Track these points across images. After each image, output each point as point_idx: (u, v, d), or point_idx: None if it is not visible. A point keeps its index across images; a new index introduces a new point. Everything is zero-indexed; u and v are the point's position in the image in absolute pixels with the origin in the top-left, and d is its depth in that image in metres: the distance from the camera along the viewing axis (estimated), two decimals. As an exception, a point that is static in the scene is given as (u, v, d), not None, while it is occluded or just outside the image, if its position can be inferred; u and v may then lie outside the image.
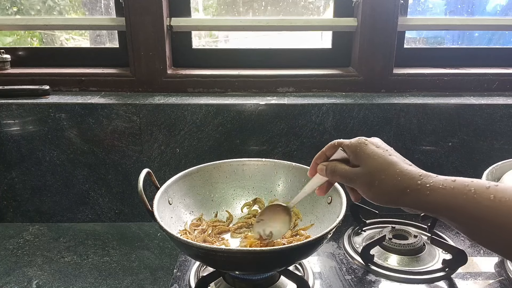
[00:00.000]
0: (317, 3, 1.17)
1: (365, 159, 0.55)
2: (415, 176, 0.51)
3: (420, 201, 0.50)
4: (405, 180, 0.51)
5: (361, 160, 0.55)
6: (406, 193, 0.51)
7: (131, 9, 0.98)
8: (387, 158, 0.54)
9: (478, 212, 0.46)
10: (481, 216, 0.45)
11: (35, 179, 0.99)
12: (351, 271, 0.79)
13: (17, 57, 1.09)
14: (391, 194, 0.52)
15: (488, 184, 0.47)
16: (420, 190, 0.50)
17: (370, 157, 0.54)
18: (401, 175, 0.52)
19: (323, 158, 0.62)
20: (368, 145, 0.56)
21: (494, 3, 1.29)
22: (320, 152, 0.62)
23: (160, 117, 0.95)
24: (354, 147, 0.56)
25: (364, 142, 0.56)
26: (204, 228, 0.79)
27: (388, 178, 0.52)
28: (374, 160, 0.54)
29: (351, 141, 0.57)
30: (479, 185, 0.47)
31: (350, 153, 0.57)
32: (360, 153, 0.55)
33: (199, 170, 0.83)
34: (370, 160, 0.54)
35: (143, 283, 0.77)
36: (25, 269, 0.81)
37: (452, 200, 0.47)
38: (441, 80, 1.05)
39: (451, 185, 0.48)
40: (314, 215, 0.79)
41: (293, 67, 1.10)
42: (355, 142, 0.57)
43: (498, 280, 0.76)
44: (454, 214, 0.48)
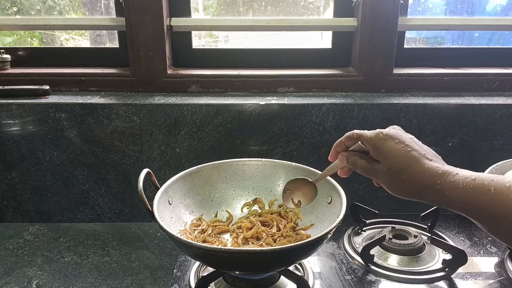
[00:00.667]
0: (317, 3, 1.17)
1: (385, 156, 0.54)
2: (435, 175, 0.51)
3: (441, 200, 0.51)
4: (425, 179, 0.51)
5: (381, 157, 0.55)
6: (426, 191, 0.51)
7: (131, 9, 0.98)
8: (406, 156, 0.53)
9: (498, 211, 0.46)
10: (501, 214, 0.46)
11: (35, 179, 0.99)
12: (351, 271, 0.79)
13: (17, 57, 1.09)
14: (412, 192, 0.53)
15: (509, 183, 0.46)
16: (440, 190, 0.50)
17: (389, 155, 0.54)
18: (421, 173, 0.51)
19: (342, 147, 0.61)
20: (388, 140, 0.55)
21: (494, 3, 1.29)
22: (339, 141, 0.61)
23: (160, 117, 0.95)
24: (373, 142, 0.56)
25: (383, 137, 0.55)
26: (204, 228, 0.79)
27: (408, 177, 0.52)
28: (393, 157, 0.53)
29: (370, 134, 0.57)
30: (499, 183, 0.47)
31: (370, 147, 0.56)
32: (380, 149, 0.55)
33: (199, 170, 0.83)
34: (390, 158, 0.54)
35: (143, 283, 0.77)
36: (25, 269, 0.81)
37: (472, 199, 0.48)
38: (441, 80, 1.05)
39: (471, 184, 0.48)
40: (314, 215, 0.79)
41: (293, 67, 1.10)
42: (374, 137, 0.56)
43: (498, 280, 0.76)
44: (475, 213, 0.48)
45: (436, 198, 0.51)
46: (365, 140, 0.57)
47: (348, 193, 0.72)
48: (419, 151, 0.54)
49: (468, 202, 0.48)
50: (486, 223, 0.48)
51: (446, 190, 0.50)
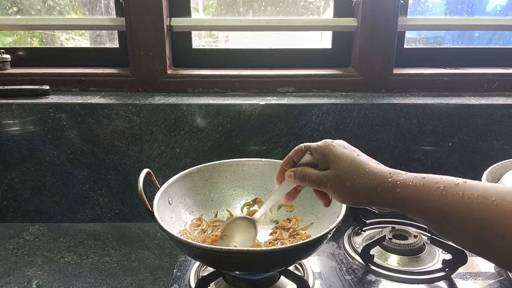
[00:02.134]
0: (317, 3, 1.17)
1: (334, 161, 0.55)
2: (385, 174, 0.52)
3: (390, 199, 0.51)
4: (376, 178, 0.52)
5: (330, 163, 0.55)
6: (377, 191, 0.51)
7: (131, 9, 0.98)
8: (355, 158, 0.54)
9: (447, 209, 0.46)
10: (450, 212, 0.46)
11: (35, 179, 0.99)
12: (351, 271, 0.79)
13: (17, 57, 1.09)
14: (362, 193, 0.52)
15: (457, 181, 0.47)
16: (390, 188, 0.50)
17: (339, 159, 0.54)
18: (371, 174, 0.52)
19: (290, 164, 0.61)
20: (336, 146, 0.56)
21: (494, 3, 1.29)
22: (287, 157, 0.61)
23: (160, 117, 0.95)
24: (322, 150, 0.56)
25: (331, 143, 0.56)
26: (204, 228, 0.79)
27: (359, 178, 0.52)
28: (343, 161, 0.54)
29: (318, 144, 0.58)
30: (449, 182, 0.47)
31: (319, 156, 0.57)
32: (328, 155, 0.55)
33: (199, 170, 0.83)
34: (339, 162, 0.54)
35: (143, 283, 0.77)
36: (25, 269, 0.81)
37: (422, 196, 0.48)
38: (441, 80, 1.05)
39: (421, 182, 0.49)
40: (314, 215, 0.79)
41: (293, 67, 1.10)
42: (322, 145, 0.57)
43: (498, 280, 0.77)
44: (423, 210, 0.48)
45: (385, 197, 0.51)
46: (313, 149, 0.58)
47: (348, 193, 0.72)
48: (366, 156, 0.55)
49: (417, 200, 0.48)
50: (435, 221, 0.48)
51: (397, 188, 0.50)
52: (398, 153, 0.98)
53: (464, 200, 0.45)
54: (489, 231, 0.43)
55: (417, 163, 0.99)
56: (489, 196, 0.44)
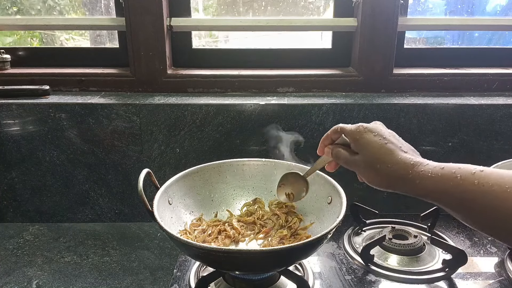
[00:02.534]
0: (317, 3, 1.17)
1: (363, 148, 0.57)
2: (407, 165, 0.54)
3: (412, 189, 0.53)
4: (398, 169, 0.54)
5: (360, 149, 0.58)
6: (399, 181, 0.54)
7: (131, 9, 0.98)
8: (382, 148, 0.56)
9: (464, 197, 0.48)
10: (467, 201, 0.48)
11: (35, 179, 0.99)
12: (351, 271, 0.79)
13: (17, 57, 1.09)
14: (386, 182, 0.55)
15: (474, 170, 0.49)
16: (411, 180, 0.52)
17: (367, 146, 0.57)
18: (394, 164, 0.54)
19: (329, 140, 0.64)
20: (367, 133, 0.58)
21: (494, 3, 1.29)
22: (326, 134, 0.65)
23: (160, 117, 0.95)
24: (353, 135, 0.59)
25: (363, 130, 0.58)
26: (204, 228, 0.79)
27: (383, 167, 0.55)
28: (371, 149, 0.56)
29: (351, 128, 0.60)
30: (466, 170, 0.49)
31: (351, 140, 0.60)
32: (359, 141, 0.58)
33: (199, 170, 0.83)
34: (368, 149, 0.57)
35: (143, 283, 0.77)
36: (25, 269, 0.81)
37: (440, 187, 0.50)
38: (441, 80, 1.05)
39: (439, 172, 0.51)
40: (314, 215, 0.79)
41: (293, 67, 1.10)
42: (354, 130, 0.59)
43: (498, 280, 0.77)
44: (444, 200, 0.50)
45: (407, 187, 0.53)
46: (346, 133, 0.60)
47: (348, 193, 0.72)
48: (395, 144, 0.57)
49: (436, 190, 0.50)
50: (456, 210, 0.50)
51: (417, 179, 0.52)
52: (398, 153, 0.98)
53: (480, 188, 0.47)
54: (504, 217, 0.45)
55: (417, 163, 0.99)
56: (503, 183, 0.45)
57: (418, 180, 0.52)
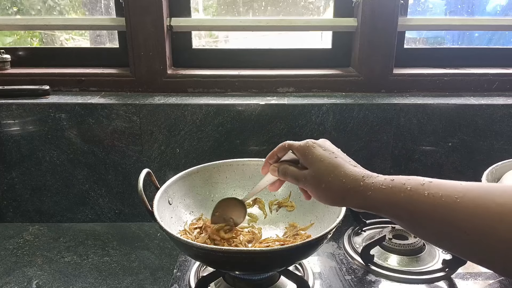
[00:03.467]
0: (317, 3, 1.17)
1: (313, 162, 0.57)
2: (358, 177, 0.53)
3: (363, 201, 0.52)
4: (349, 181, 0.53)
5: (309, 163, 0.57)
6: (350, 194, 0.53)
7: (131, 9, 0.98)
8: (332, 161, 0.56)
9: (414, 208, 0.47)
10: (418, 212, 0.47)
11: (35, 179, 0.99)
12: (351, 271, 0.80)
13: (17, 57, 1.09)
14: (336, 195, 0.54)
15: (423, 181, 0.48)
16: (362, 191, 0.52)
17: (317, 160, 0.56)
18: (345, 177, 0.54)
19: (274, 159, 0.64)
20: (316, 148, 0.58)
21: (494, 3, 1.29)
22: (271, 152, 0.64)
23: (160, 117, 0.95)
24: (302, 150, 0.58)
25: (312, 145, 0.58)
26: (203, 227, 0.79)
27: (333, 180, 0.54)
28: (320, 163, 0.56)
29: (300, 143, 0.60)
30: (415, 182, 0.48)
31: (299, 155, 0.59)
32: (308, 156, 0.57)
33: (199, 170, 0.83)
34: (317, 163, 0.56)
35: (143, 283, 0.77)
36: (25, 269, 0.81)
37: (391, 198, 0.49)
38: (441, 80, 1.05)
39: (390, 184, 0.50)
40: (314, 215, 0.79)
41: (293, 67, 1.09)
42: (303, 145, 0.59)
43: (498, 280, 0.77)
44: (394, 212, 0.50)
45: (358, 199, 0.52)
46: (295, 148, 0.60)
47: (348, 193, 0.72)
48: (344, 159, 0.57)
49: (387, 201, 0.50)
50: (406, 222, 0.49)
51: (368, 191, 0.51)
52: (398, 153, 0.98)
53: (429, 199, 0.46)
54: (454, 227, 0.44)
55: (417, 163, 0.99)
56: (452, 194, 0.45)
57: (369, 192, 0.51)
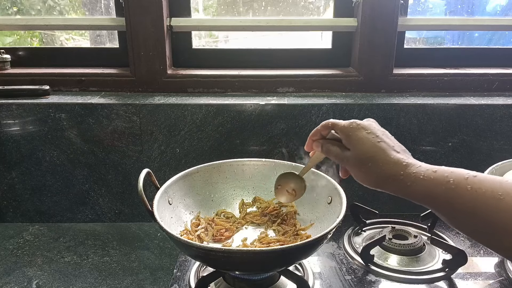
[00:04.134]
0: (317, 3, 1.18)
1: (355, 144, 0.56)
2: (399, 165, 0.52)
3: (402, 190, 0.52)
4: (389, 169, 0.53)
5: (351, 145, 0.57)
6: (389, 181, 0.53)
7: (131, 9, 0.98)
8: (375, 145, 0.55)
9: (456, 202, 0.47)
10: (459, 206, 0.47)
11: (35, 179, 0.99)
12: (351, 271, 0.79)
13: (17, 57, 1.09)
14: (376, 180, 0.54)
15: (467, 175, 0.48)
16: (402, 180, 0.51)
17: (359, 143, 0.56)
18: (386, 163, 0.53)
19: (318, 136, 0.64)
20: (360, 130, 0.57)
21: (494, 3, 1.29)
22: (315, 130, 0.63)
23: (160, 117, 0.95)
24: (346, 131, 0.58)
25: (356, 126, 0.57)
26: (204, 226, 0.79)
27: (374, 165, 0.54)
28: (362, 146, 0.55)
29: (344, 123, 0.59)
30: (458, 175, 0.48)
31: (343, 135, 0.58)
32: (351, 137, 0.57)
33: (199, 170, 0.83)
34: (359, 146, 0.56)
35: (143, 283, 0.77)
36: (25, 269, 0.81)
37: (432, 190, 0.49)
38: (441, 80, 1.05)
39: (432, 175, 0.50)
40: (314, 215, 0.79)
41: (293, 67, 1.10)
42: (347, 126, 0.58)
43: (498, 280, 0.76)
44: (434, 204, 0.49)
45: (398, 188, 0.52)
46: (338, 128, 0.59)
47: (348, 193, 0.72)
48: (387, 143, 0.56)
49: (428, 193, 0.49)
50: (446, 214, 0.49)
51: (408, 181, 0.51)
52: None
53: (472, 195, 0.46)
54: (496, 225, 0.43)
55: (417, 163, 0.99)
56: (496, 190, 0.44)
57: (409, 182, 0.51)
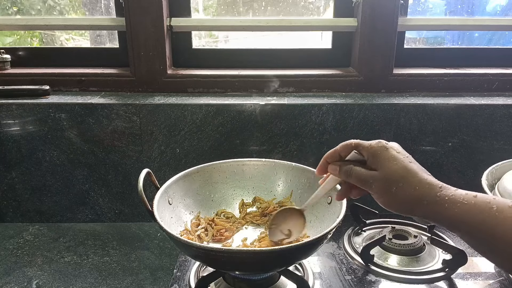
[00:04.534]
0: (317, 3, 1.18)
1: (385, 163, 0.53)
2: (435, 187, 0.50)
3: (437, 214, 0.49)
4: (424, 190, 0.50)
5: (380, 164, 0.53)
6: (422, 204, 0.50)
7: (131, 9, 0.98)
8: (407, 165, 0.52)
9: (498, 231, 0.45)
10: (501, 235, 0.45)
11: (35, 179, 0.99)
12: (351, 271, 0.79)
13: (17, 57, 1.09)
14: (407, 202, 0.51)
15: (511, 203, 0.46)
16: (438, 202, 0.49)
17: (390, 162, 0.53)
18: (420, 184, 0.50)
19: (336, 158, 0.59)
20: (389, 149, 0.54)
21: (494, 3, 1.29)
22: (333, 150, 0.59)
23: (160, 117, 0.95)
24: (374, 150, 0.54)
25: (385, 145, 0.54)
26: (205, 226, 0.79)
27: (406, 186, 0.51)
28: (394, 165, 0.52)
29: (371, 143, 0.56)
30: (502, 203, 0.46)
31: (369, 155, 0.55)
32: (380, 157, 0.53)
33: (199, 170, 0.83)
34: (390, 165, 0.52)
35: (143, 283, 0.77)
36: (25, 269, 0.81)
37: (473, 216, 0.47)
38: (441, 80, 1.05)
39: (473, 200, 0.47)
40: (314, 215, 0.79)
41: (293, 67, 1.09)
42: (375, 145, 0.55)
43: (498, 280, 0.77)
44: (473, 230, 0.47)
45: (432, 211, 0.49)
46: (365, 148, 0.56)
47: (348, 193, 0.72)
48: (418, 165, 0.53)
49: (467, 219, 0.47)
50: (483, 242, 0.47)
51: (445, 203, 0.48)
52: (398, 153, 0.98)
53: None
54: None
55: (417, 163, 0.99)
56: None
57: (447, 204, 0.48)
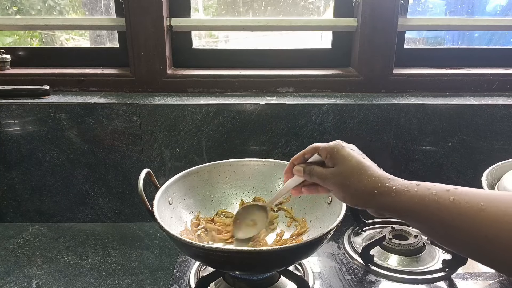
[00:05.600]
0: (317, 3, 1.18)
1: (340, 160, 0.58)
2: (383, 179, 0.54)
3: (386, 203, 0.53)
4: (374, 182, 0.54)
5: (336, 161, 0.58)
6: (374, 194, 0.54)
7: (131, 9, 0.98)
8: (360, 161, 0.57)
9: (438, 213, 0.49)
10: (441, 217, 0.48)
11: (35, 179, 0.99)
12: (351, 271, 0.80)
13: (17, 57, 1.09)
14: (360, 195, 0.55)
15: (448, 188, 0.50)
16: (386, 193, 0.53)
17: (345, 159, 0.57)
18: (371, 177, 0.55)
19: (300, 160, 0.65)
20: (344, 148, 0.59)
21: (494, 3, 1.29)
22: (299, 154, 0.65)
23: (160, 117, 0.95)
24: (330, 149, 0.59)
25: (341, 144, 0.60)
26: (204, 226, 0.79)
27: (360, 179, 0.55)
28: (348, 161, 0.57)
29: (329, 144, 0.61)
30: (440, 188, 0.50)
31: (327, 154, 0.60)
32: (336, 155, 0.58)
33: (199, 170, 0.83)
34: (345, 161, 0.57)
35: (143, 283, 0.77)
36: (25, 269, 0.81)
37: (416, 202, 0.51)
38: (441, 80, 1.05)
39: (415, 188, 0.52)
40: (314, 215, 0.79)
41: (293, 67, 1.09)
42: (332, 145, 0.60)
43: (498, 280, 0.77)
44: (417, 215, 0.51)
45: (382, 201, 0.53)
46: (323, 148, 0.61)
47: (348, 193, 0.72)
48: (371, 162, 0.58)
49: (411, 205, 0.51)
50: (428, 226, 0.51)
51: (392, 192, 0.53)
52: (398, 153, 0.98)
53: (455, 205, 0.47)
54: (477, 234, 0.45)
55: (417, 163, 0.99)
56: (477, 201, 0.46)
57: (393, 193, 0.52)
